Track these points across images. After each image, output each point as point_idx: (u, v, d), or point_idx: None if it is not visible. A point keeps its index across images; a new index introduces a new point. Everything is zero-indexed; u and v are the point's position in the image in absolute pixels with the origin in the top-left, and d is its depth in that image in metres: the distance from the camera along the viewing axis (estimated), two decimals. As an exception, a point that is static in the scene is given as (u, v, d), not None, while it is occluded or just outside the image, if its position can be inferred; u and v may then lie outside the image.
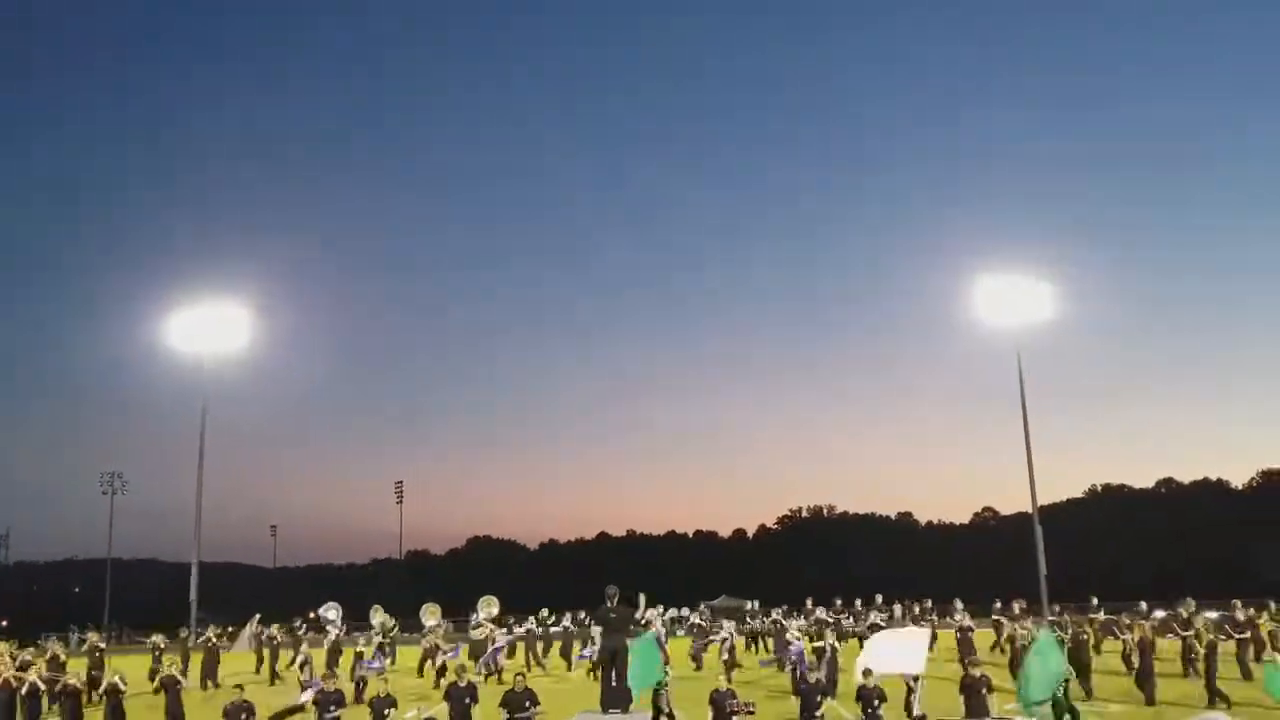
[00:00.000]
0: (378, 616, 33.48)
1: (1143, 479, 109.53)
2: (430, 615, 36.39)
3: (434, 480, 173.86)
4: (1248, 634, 24.29)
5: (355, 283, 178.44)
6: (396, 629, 34.79)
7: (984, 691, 15.62)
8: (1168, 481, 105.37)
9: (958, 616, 28.54)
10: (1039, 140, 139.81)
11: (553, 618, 34.43)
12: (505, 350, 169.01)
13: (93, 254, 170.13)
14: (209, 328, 47.73)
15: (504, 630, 31.89)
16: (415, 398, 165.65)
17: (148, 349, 62.19)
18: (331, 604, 35.95)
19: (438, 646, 28.06)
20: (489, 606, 34.78)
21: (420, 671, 28.92)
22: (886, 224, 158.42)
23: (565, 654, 30.95)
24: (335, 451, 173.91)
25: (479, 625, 32.51)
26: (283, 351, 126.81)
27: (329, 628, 33.44)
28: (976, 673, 16.01)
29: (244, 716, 16.49)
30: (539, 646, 32.27)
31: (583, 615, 33.84)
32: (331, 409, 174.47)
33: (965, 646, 25.00)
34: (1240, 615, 25.09)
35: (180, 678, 21.00)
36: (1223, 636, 22.82)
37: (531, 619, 33.56)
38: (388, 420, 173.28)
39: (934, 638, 23.85)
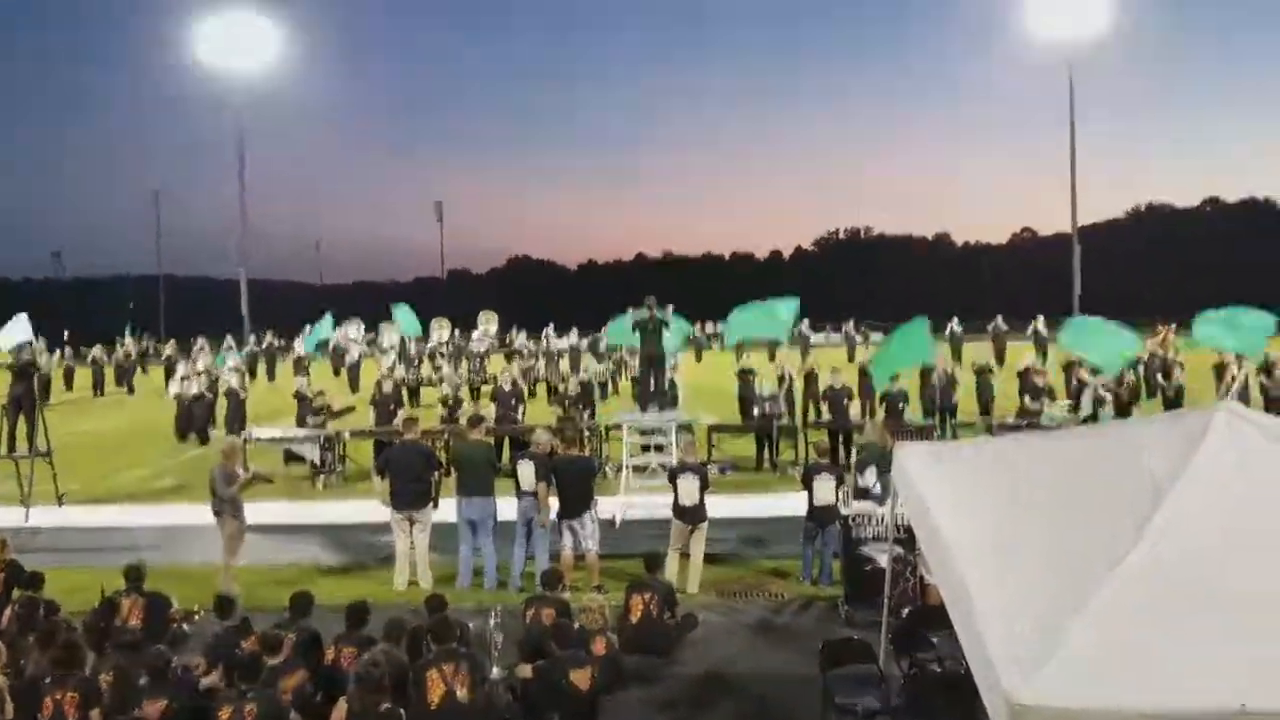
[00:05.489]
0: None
1: (1187, 198, 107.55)
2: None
3: (473, 200, 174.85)
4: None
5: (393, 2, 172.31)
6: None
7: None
8: (1213, 200, 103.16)
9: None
10: None
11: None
12: (541, 71, 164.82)
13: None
14: (243, 40, 46.62)
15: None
16: (453, 117, 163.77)
17: (179, 63, 61.23)
18: (353, 319, 36.61)
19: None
20: (488, 323, 35.73)
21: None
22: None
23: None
24: (375, 170, 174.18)
25: (478, 338, 33.69)
26: (319, 67, 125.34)
27: (350, 345, 34.59)
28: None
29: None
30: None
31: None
32: (370, 128, 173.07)
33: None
34: None
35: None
36: None
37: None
38: (426, 139, 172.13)
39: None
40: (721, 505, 12.41)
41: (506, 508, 11.09)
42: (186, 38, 49.16)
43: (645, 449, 15.03)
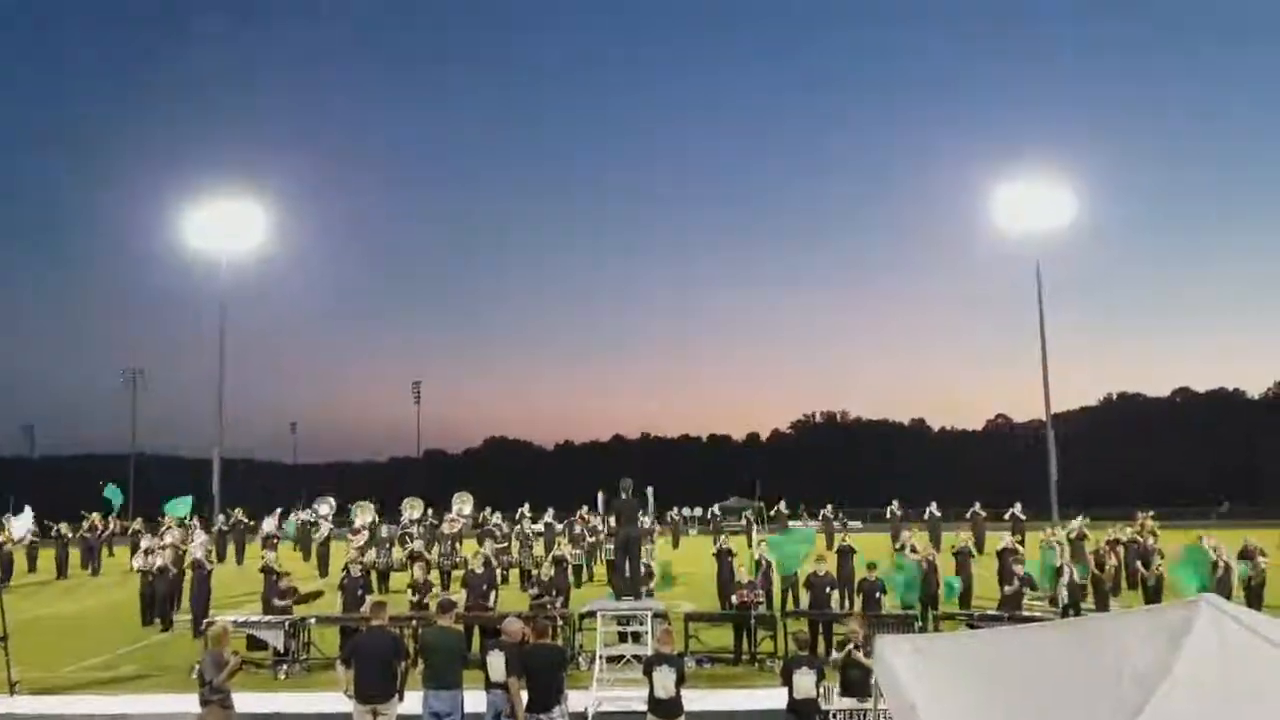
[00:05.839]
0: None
1: (1158, 388, 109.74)
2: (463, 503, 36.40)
3: (451, 381, 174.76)
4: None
5: (372, 184, 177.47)
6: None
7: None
8: (1183, 390, 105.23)
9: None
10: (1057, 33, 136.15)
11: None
12: (520, 253, 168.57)
13: (110, 149, 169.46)
14: (226, 224, 47.85)
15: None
16: (432, 298, 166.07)
17: (166, 245, 62.38)
18: (326, 499, 36.48)
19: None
20: (462, 504, 35.33)
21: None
22: (904, 126, 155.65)
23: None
24: (353, 351, 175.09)
25: (452, 520, 33.19)
26: (300, 251, 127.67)
27: (321, 522, 34.38)
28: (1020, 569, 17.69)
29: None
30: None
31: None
32: (349, 309, 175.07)
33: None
34: None
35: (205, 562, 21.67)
36: None
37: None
38: (405, 321, 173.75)
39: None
40: (699, 699, 12.00)
41: (474, 700, 10.69)
42: (170, 220, 50.54)
43: (621, 638, 14.64)
